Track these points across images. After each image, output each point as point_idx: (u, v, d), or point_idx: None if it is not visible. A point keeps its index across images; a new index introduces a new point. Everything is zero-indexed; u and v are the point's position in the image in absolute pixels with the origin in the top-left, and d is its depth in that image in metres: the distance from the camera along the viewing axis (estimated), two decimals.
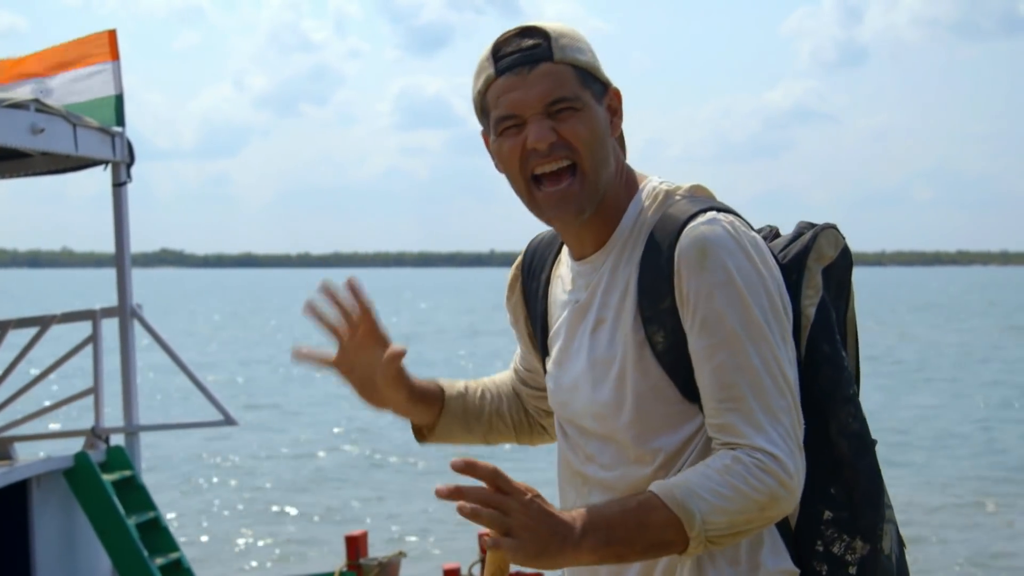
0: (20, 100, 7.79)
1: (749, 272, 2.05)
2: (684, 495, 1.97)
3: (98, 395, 9.05)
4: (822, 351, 2.14)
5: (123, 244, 9.02)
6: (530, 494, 1.93)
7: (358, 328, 2.35)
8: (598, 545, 1.95)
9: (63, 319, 9.33)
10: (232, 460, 20.20)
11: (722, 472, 1.99)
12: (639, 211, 2.18)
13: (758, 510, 1.99)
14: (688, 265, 2.06)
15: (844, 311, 2.25)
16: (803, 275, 2.17)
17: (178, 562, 8.67)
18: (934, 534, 13.93)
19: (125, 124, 8.78)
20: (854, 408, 2.15)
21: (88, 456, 8.44)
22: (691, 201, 2.14)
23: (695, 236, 2.06)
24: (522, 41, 2.15)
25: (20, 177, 9.25)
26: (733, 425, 2.02)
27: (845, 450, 2.13)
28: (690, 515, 1.96)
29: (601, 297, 2.18)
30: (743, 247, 2.06)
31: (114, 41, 8.79)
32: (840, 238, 2.22)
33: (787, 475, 2.00)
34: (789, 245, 2.20)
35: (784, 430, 2.01)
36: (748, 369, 2.02)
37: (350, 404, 27.81)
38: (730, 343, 2.03)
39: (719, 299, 2.04)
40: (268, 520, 15.67)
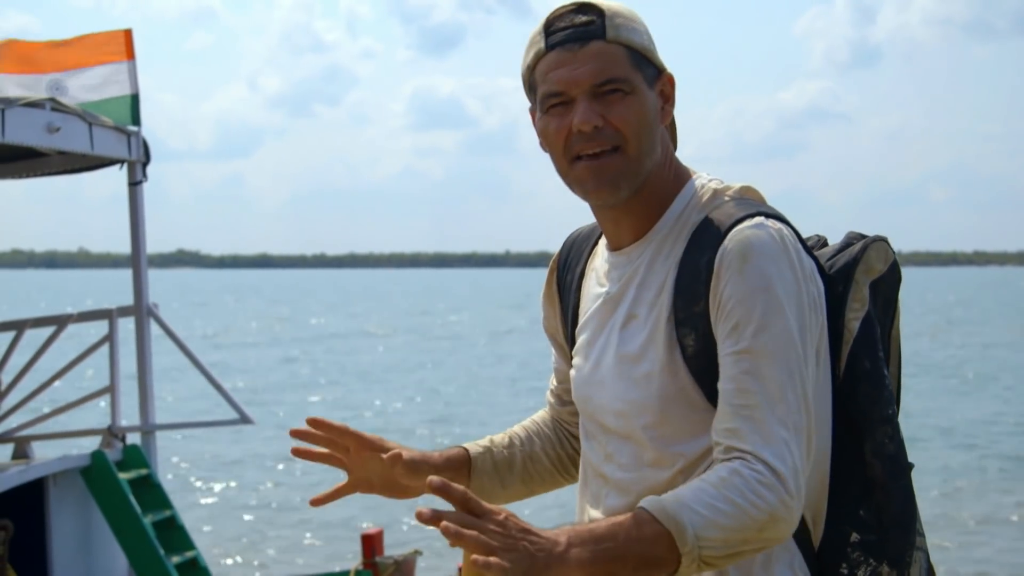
0: (36, 99, 7.81)
1: (789, 283, 1.98)
2: (676, 508, 1.87)
3: (114, 394, 9.07)
4: (863, 367, 2.07)
5: (139, 242, 9.03)
6: (503, 512, 1.85)
7: (349, 449, 2.32)
8: (586, 560, 1.84)
9: (80, 319, 9.35)
10: (247, 457, 20.21)
11: (718, 485, 1.89)
12: (684, 207, 2.12)
13: (756, 529, 1.89)
14: (728, 268, 1.99)
15: (889, 327, 2.17)
16: (849, 287, 2.10)
17: (194, 560, 8.68)
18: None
19: (141, 123, 8.80)
20: (891, 429, 2.07)
21: (105, 455, 8.46)
22: (739, 204, 2.07)
23: (740, 239, 2.00)
24: (576, 17, 2.08)
25: (36, 176, 9.27)
26: (741, 431, 1.93)
27: (879, 472, 2.06)
28: (682, 529, 1.86)
29: (635, 291, 2.12)
30: (787, 256, 2.00)
31: (130, 40, 8.81)
32: (890, 252, 2.15)
33: (788, 494, 1.90)
34: (837, 255, 2.14)
35: (793, 448, 1.92)
36: (771, 379, 1.95)
37: (363, 404, 27.83)
38: (758, 351, 1.96)
39: (754, 305, 1.97)
40: (284, 518, 15.68)
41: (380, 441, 2.32)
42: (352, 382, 33.18)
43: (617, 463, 2.13)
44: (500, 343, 47.17)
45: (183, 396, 27.38)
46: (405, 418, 25.45)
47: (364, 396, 29.69)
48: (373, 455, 2.31)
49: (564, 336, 2.35)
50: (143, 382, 9.03)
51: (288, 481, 18.29)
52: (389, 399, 28.86)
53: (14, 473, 7.91)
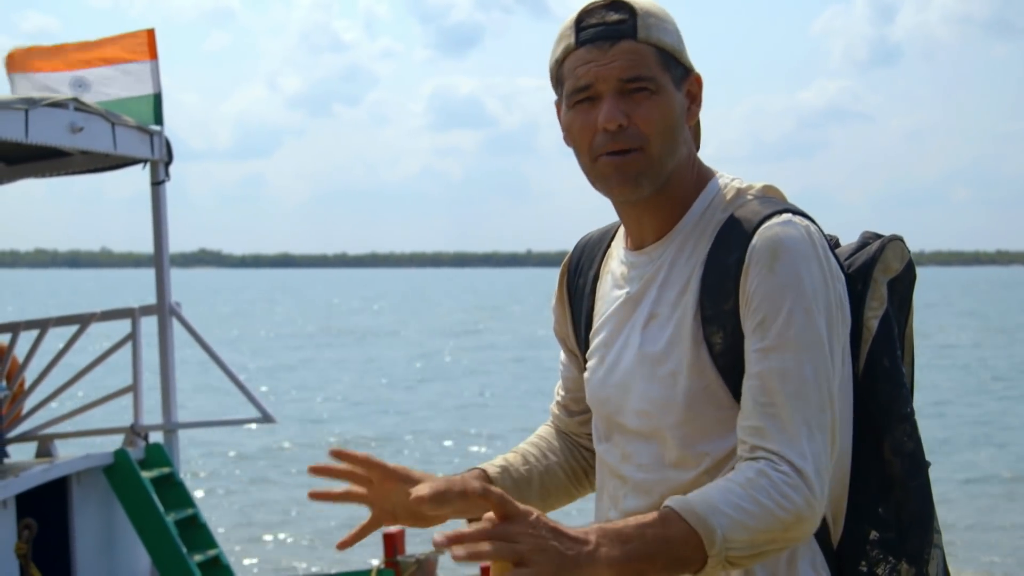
0: (59, 99, 7.85)
1: (818, 280, 1.99)
2: (705, 510, 1.86)
3: (137, 393, 9.11)
4: (882, 365, 2.08)
5: (161, 240, 9.07)
6: (535, 513, 1.83)
7: (372, 481, 2.25)
8: (615, 559, 1.83)
9: (102, 317, 9.38)
10: (268, 455, 20.26)
11: (745, 486, 1.89)
12: (706, 206, 2.11)
13: (781, 529, 1.89)
14: (758, 264, 1.99)
15: (904, 326, 2.18)
16: (868, 286, 2.11)
17: (216, 558, 8.71)
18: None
19: (163, 123, 8.83)
20: (910, 427, 2.08)
21: (127, 453, 8.49)
22: (763, 202, 2.08)
23: (770, 236, 2.00)
24: (607, 14, 2.08)
25: (59, 176, 9.31)
26: (766, 429, 1.93)
27: (898, 469, 2.06)
28: (711, 531, 1.85)
29: (657, 291, 2.11)
30: (816, 254, 2.00)
31: (152, 40, 8.84)
32: (906, 251, 2.16)
33: (813, 494, 1.90)
34: (855, 254, 2.15)
35: (818, 448, 1.93)
36: (797, 378, 1.94)
37: (383, 402, 27.86)
38: (785, 348, 1.96)
39: (783, 303, 1.97)
40: (305, 516, 15.71)
41: (405, 472, 2.25)
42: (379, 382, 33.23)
43: (636, 464, 2.12)
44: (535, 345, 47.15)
45: (204, 393, 27.47)
46: (422, 413, 25.49)
47: (382, 394, 29.73)
48: (398, 486, 2.23)
49: (576, 341, 2.34)
50: (165, 381, 9.07)
51: (310, 478, 18.29)
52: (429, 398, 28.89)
53: (38, 472, 7.94)
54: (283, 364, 38.27)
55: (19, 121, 7.44)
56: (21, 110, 7.45)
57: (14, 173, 9.22)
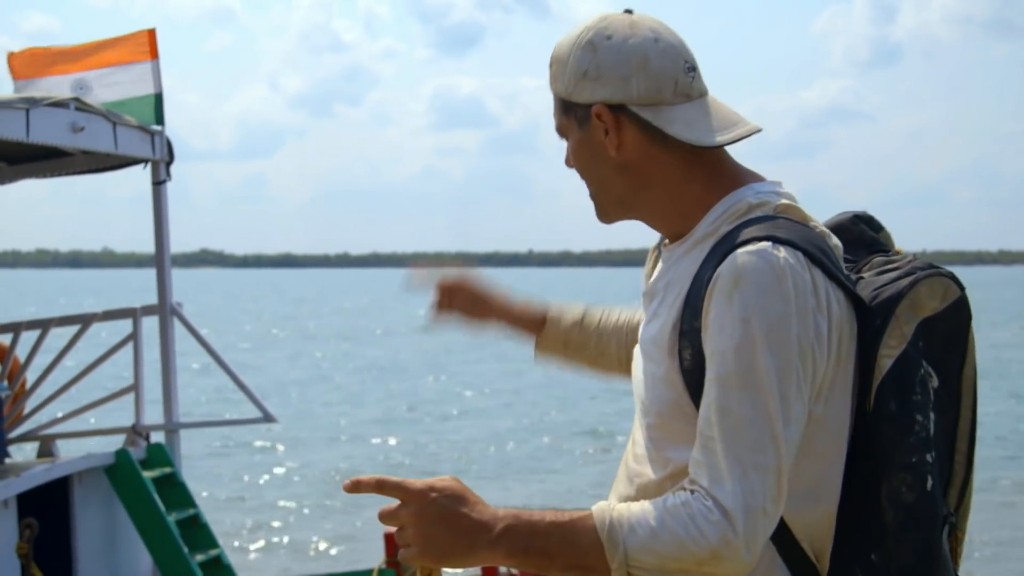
0: (60, 99, 7.84)
1: (776, 316, 1.91)
2: (616, 523, 1.89)
3: (139, 393, 9.11)
4: (888, 408, 2.00)
5: (163, 241, 9.07)
6: (434, 494, 1.92)
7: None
8: (515, 551, 1.90)
9: (104, 317, 9.38)
10: (270, 456, 20.27)
11: (666, 511, 1.89)
12: (717, 217, 2.08)
13: (694, 563, 1.87)
14: (718, 292, 1.95)
15: (959, 369, 2.08)
16: (888, 322, 2.01)
17: (218, 558, 8.71)
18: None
19: (164, 123, 8.83)
20: (911, 477, 1.99)
21: (129, 453, 8.49)
22: (762, 225, 2.01)
23: (735, 264, 1.94)
24: None
25: (61, 176, 9.31)
26: (701, 463, 1.91)
27: (891, 519, 1.99)
28: (614, 545, 1.88)
29: (664, 291, 2.12)
30: (781, 288, 1.92)
31: (153, 40, 8.85)
32: (952, 288, 2.06)
33: (734, 534, 1.86)
34: (886, 286, 2.05)
35: (750, 487, 1.87)
36: (734, 414, 1.90)
37: (387, 400, 27.86)
38: (725, 382, 1.91)
39: (731, 335, 1.92)
40: (307, 517, 15.72)
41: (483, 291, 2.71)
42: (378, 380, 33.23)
43: (634, 453, 2.15)
44: None
45: (207, 393, 27.48)
46: (426, 412, 25.49)
47: (390, 393, 29.73)
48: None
49: None
50: (167, 381, 9.07)
51: (311, 479, 18.32)
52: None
53: (39, 471, 7.94)
54: (287, 364, 38.28)
55: (20, 121, 7.44)
56: (22, 110, 7.45)
57: (15, 173, 9.22)
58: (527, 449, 21.15)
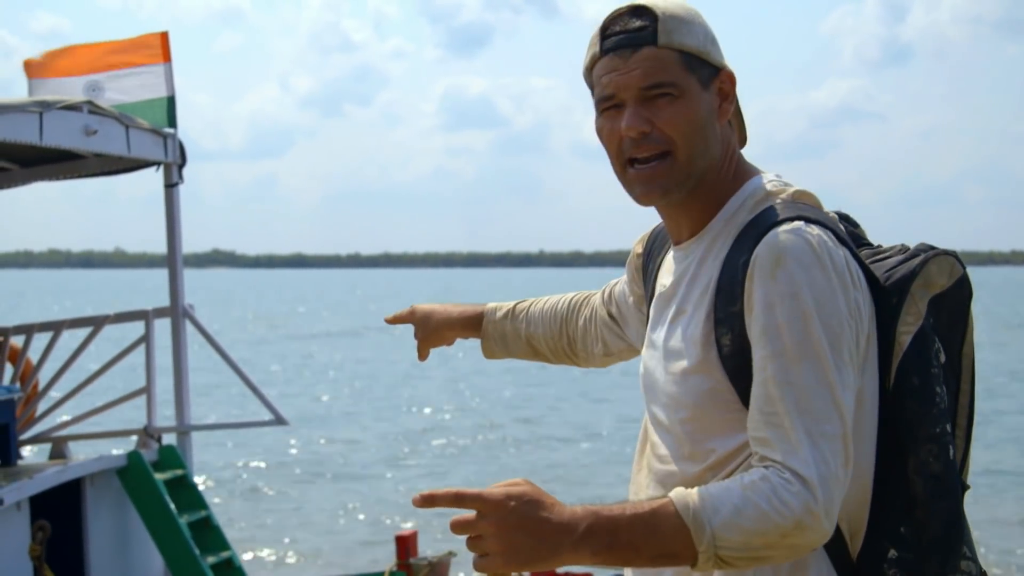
0: (73, 102, 7.86)
1: (821, 288, 1.97)
2: (699, 506, 1.89)
3: (150, 395, 9.12)
4: (910, 383, 2.05)
5: (175, 244, 9.08)
6: (513, 502, 1.88)
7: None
8: (600, 548, 1.89)
9: (116, 319, 9.41)
10: (281, 458, 20.28)
11: (747, 488, 1.90)
12: (737, 207, 2.13)
13: (779, 535, 1.89)
14: (760, 271, 2.00)
15: (959, 345, 2.15)
16: (904, 300, 2.07)
17: (229, 561, 8.71)
18: None
19: (177, 125, 8.84)
20: (938, 448, 2.04)
21: (141, 455, 8.50)
22: (786, 207, 2.07)
23: (774, 243, 2.00)
24: (630, 21, 2.12)
25: (73, 178, 9.34)
26: (770, 440, 1.94)
27: (920, 490, 2.03)
28: (700, 527, 1.88)
29: (685, 287, 2.14)
30: (821, 262, 1.98)
31: (166, 43, 8.86)
32: (957, 267, 2.13)
33: (815, 502, 1.89)
34: (897, 267, 2.11)
35: (822, 456, 1.91)
36: (797, 386, 1.94)
37: (398, 404, 27.88)
38: (783, 356, 1.95)
39: (781, 311, 1.96)
40: (319, 519, 15.73)
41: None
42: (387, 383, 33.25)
43: (657, 455, 2.16)
44: None
45: (219, 395, 27.52)
46: (438, 415, 25.50)
47: (400, 396, 29.75)
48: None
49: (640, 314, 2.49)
50: (179, 383, 9.08)
51: (323, 481, 18.33)
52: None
53: (51, 474, 7.95)
54: (296, 365, 38.33)
55: (34, 124, 7.46)
56: (35, 113, 7.48)
57: (29, 175, 9.25)
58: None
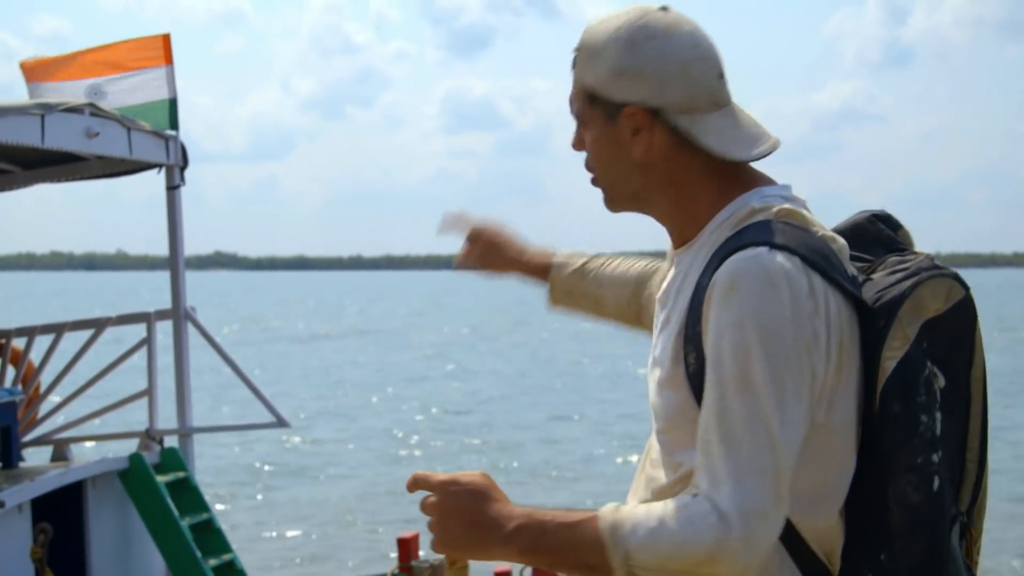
0: (75, 104, 7.86)
1: (770, 319, 1.92)
2: (618, 523, 1.93)
3: (152, 397, 9.12)
4: (892, 410, 1.99)
5: (177, 247, 9.08)
6: (455, 488, 1.99)
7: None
8: (525, 549, 1.96)
9: (118, 321, 9.40)
10: (282, 461, 20.28)
11: (668, 513, 1.92)
12: (723, 221, 2.09)
13: (692, 563, 1.90)
14: (716, 296, 1.97)
15: (966, 370, 2.08)
16: (891, 324, 2.01)
17: (231, 563, 8.71)
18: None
19: (179, 127, 8.84)
20: (918, 479, 1.99)
21: (142, 458, 8.49)
22: (761, 229, 2.01)
23: (731, 269, 1.96)
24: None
25: (75, 180, 9.34)
26: (701, 467, 1.94)
27: (897, 520, 1.99)
28: (616, 545, 1.92)
29: (674, 297, 2.12)
30: (774, 292, 1.93)
31: (168, 45, 8.86)
32: (956, 290, 2.05)
33: (730, 537, 1.88)
34: (890, 287, 2.05)
35: (746, 491, 1.89)
36: (731, 417, 1.92)
37: (397, 408, 27.88)
38: (723, 386, 1.93)
39: (727, 339, 1.94)
40: (320, 522, 15.72)
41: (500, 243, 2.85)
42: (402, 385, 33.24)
43: (651, 459, 2.17)
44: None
45: (219, 398, 27.52)
46: (436, 417, 25.50)
47: (402, 399, 29.75)
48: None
49: None
50: (180, 385, 9.07)
51: (324, 484, 18.34)
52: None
53: (53, 476, 7.95)
54: (300, 366, 38.35)
55: (35, 126, 7.46)
56: (37, 115, 7.47)
57: (30, 178, 9.25)
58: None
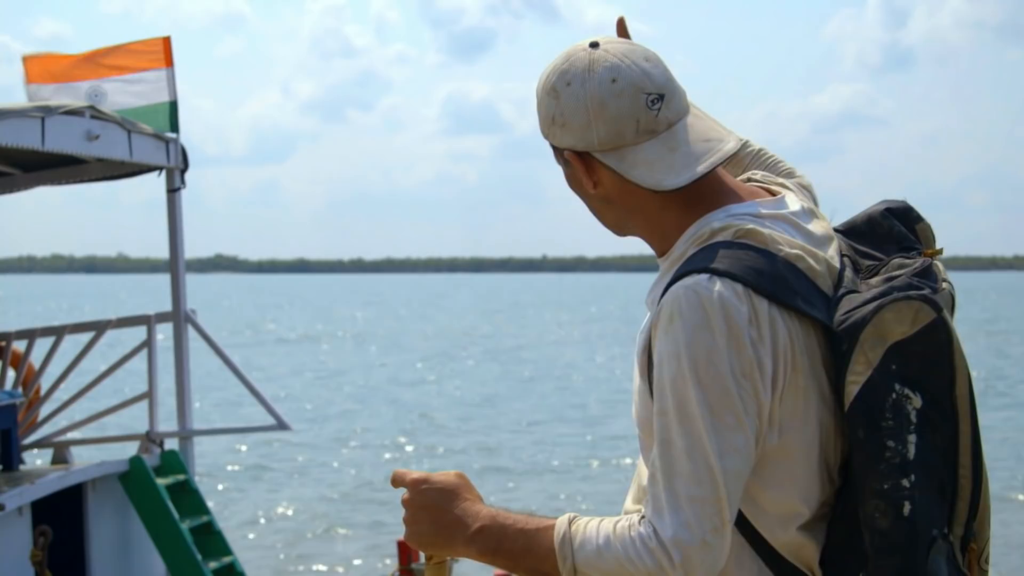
0: (76, 107, 7.86)
1: (705, 350, 1.93)
2: (569, 537, 1.99)
3: (152, 400, 9.12)
4: (856, 436, 1.98)
5: (177, 249, 9.08)
6: (425, 486, 2.07)
7: None
8: (486, 550, 2.04)
9: (118, 324, 9.40)
10: (283, 464, 20.28)
11: (614, 532, 1.97)
12: (686, 240, 2.08)
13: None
14: (659, 325, 1.99)
15: (947, 389, 2.02)
16: (853, 349, 1.99)
17: (231, 566, 8.71)
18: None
19: (179, 130, 8.84)
20: (885, 504, 1.97)
21: (143, 460, 8.50)
22: (708, 254, 2.00)
23: (671, 299, 1.97)
24: None
25: (75, 183, 9.35)
26: (648, 494, 1.98)
27: (868, 543, 1.99)
28: (564, 556, 1.99)
29: (650, 308, 2.12)
30: (708, 323, 1.94)
31: (168, 48, 8.87)
32: (923, 312, 1.99)
33: (670, 562, 1.92)
34: (854, 310, 2.01)
35: (684, 519, 1.92)
36: (670, 447, 1.95)
37: (398, 408, 27.88)
38: (664, 416, 1.96)
39: (667, 370, 1.96)
40: (320, 524, 15.72)
41: None
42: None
43: (640, 461, 2.18)
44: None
45: (219, 401, 27.51)
46: (438, 423, 25.50)
47: (403, 402, 29.74)
48: None
49: None
50: (181, 388, 9.07)
51: (325, 486, 18.33)
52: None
53: (53, 478, 7.95)
54: (299, 367, 38.34)
55: (35, 129, 7.46)
56: (38, 118, 7.48)
57: (31, 180, 9.25)
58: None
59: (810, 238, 2.10)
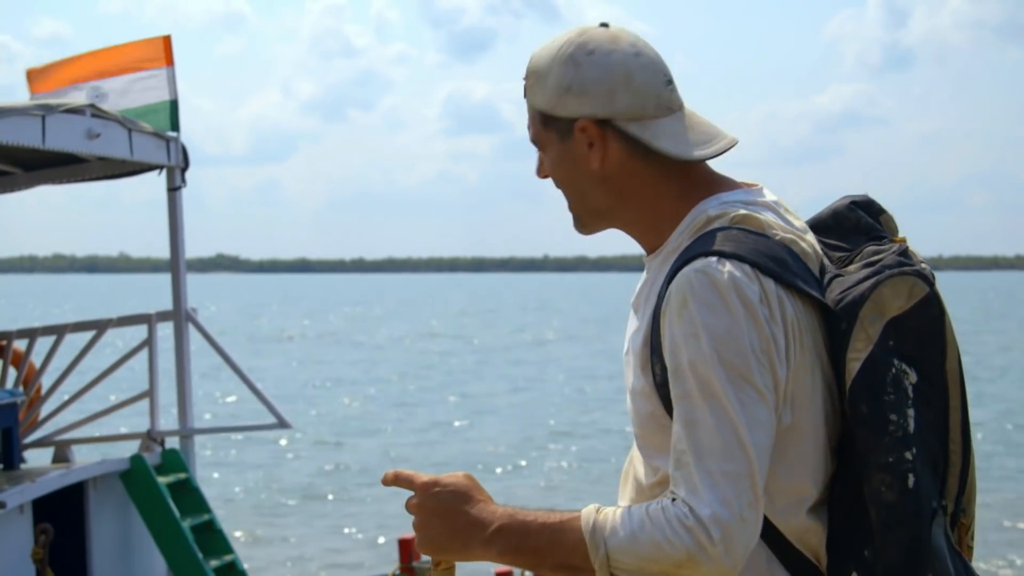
0: (76, 105, 7.87)
1: (725, 328, 1.96)
2: (600, 525, 1.97)
3: (153, 398, 9.12)
4: (859, 411, 2.02)
5: (178, 248, 9.09)
6: (437, 488, 2.03)
7: None
8: (507, 550, 2.00)
9: (119, 323, 9.41)
10: (285, 462, 20.29)
11: (647, 515, 1.95)
12: (684, 228, 2.11)
13: (672, 565, 1.93)
14: (670, 311, 2.00)
15: (939, 364, 2.08)
16: (853, 325, 2.04)
17: (232, 564, 8.72)
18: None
19: (179, 129, 8.85)
20: (891, 478, 2.01)
21: (144, 459, 8.51)
22: (712, 238, 2.04)
23: (681, 283, 2.00)
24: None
25: (76, 182, 9.36)
26: (677, 478, 1.97)
27: (874, 517, 2.02)
28: (596, 545, 1.96)
29: (643, 305, 2.14)
30: (725, 301, 1.97)
31: (169, 47, 8.88)
32: (919, 287, 2.06)
33: (709, 540, 1.91)
34: (853, 287, 2.06)
35: (722, 496, 1.93)
36: (698, 427, 1.95)
37: (397, 409, 27.89)
38: (688, 397, 1.97)
39: (685, 352, 1.97)
40: (323, 522, 15.72)
41: None
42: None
43: (633, 459, 2.19)
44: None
45: (220, 399, 27.53)
46: (441, 422, 25.51)
47: (404, 404, 29.76)
48: None
49: None
50: (182, 386, 9.08)
51: (326, 484, 18.33)
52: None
53: (55, 477, 7.96)
54: (303, 368, 38.36)
55: (36, 127, 7.47)
56: (38, 116, 7.48)
57: (31, 179, 9.26)
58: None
59: (793, 226, 2.14)
